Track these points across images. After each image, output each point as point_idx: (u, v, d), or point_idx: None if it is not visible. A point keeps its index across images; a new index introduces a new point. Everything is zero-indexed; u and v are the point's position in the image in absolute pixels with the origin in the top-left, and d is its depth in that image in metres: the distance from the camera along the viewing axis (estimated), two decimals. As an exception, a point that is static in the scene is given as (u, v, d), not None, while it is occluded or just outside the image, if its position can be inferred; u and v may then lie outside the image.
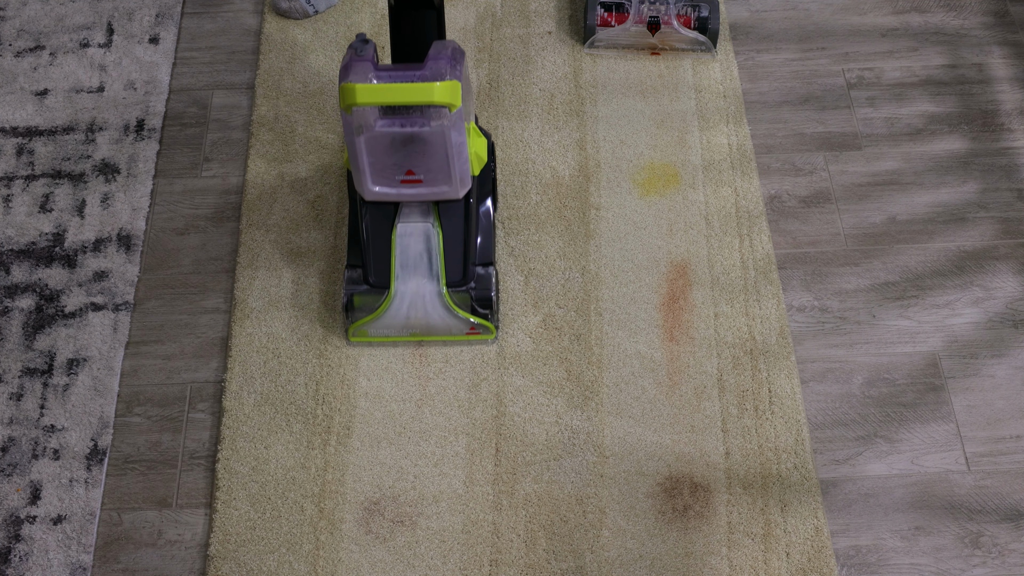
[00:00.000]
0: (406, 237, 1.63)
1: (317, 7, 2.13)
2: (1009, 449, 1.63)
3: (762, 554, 1.53)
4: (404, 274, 1.63)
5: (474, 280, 1.66)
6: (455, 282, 1.64)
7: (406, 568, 1.53)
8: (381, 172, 1.55)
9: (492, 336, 1.70)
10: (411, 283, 1.63)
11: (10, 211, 1.88)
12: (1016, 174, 1.93)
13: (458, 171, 1.55)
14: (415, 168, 1.54)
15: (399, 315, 1.65)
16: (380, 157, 1.53)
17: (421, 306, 1.64)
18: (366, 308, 1.66)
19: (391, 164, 1.54)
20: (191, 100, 2.04)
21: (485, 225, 1.70)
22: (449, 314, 1.65)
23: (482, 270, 1.67)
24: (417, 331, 1.68)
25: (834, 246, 1.84)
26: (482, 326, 1.68)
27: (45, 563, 1.54)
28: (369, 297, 1.65)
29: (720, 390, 1.68)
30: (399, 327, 1.67)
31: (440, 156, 1.52)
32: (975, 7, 2.17)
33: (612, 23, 2.06)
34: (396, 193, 1.58)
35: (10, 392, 1.69)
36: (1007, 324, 1.75)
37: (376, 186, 1.57)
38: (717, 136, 1.96)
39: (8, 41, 2.12)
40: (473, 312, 1.66)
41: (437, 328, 1.67)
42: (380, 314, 1.64)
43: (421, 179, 1.56)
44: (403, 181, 1.56)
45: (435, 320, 1.66)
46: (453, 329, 1.68)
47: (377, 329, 1.67)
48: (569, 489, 1.59)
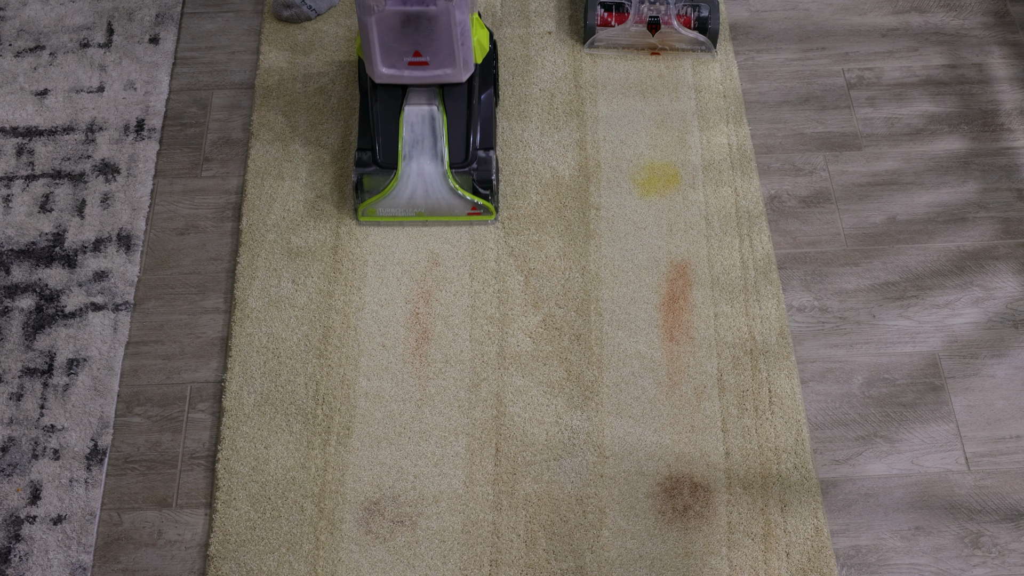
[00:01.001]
0: (413, 119, 1.77)
1: (318, 10, 2.13)
2: (1009, 449, 1.63)
3: (762, 554, 1.53)
4: (410, 155, 1.77)
5: (476, 162, 1.79)
6: (458, 163, 1.78)
7: (406, 568, 1.53)
8: (390, 54, 1.69)
9: (492, 217, 1.82)
10: (417, 164, 1.77)
11: (10, 211, 1.88)
12: (1016, 174, 1.93)
13: (462, 53, 1.68)
14: (422, 49, 1.68)
15: (405, 194, 1.77)
16: (389, 38, 1.66)
17: (426, 186, 1.77)
18: (375, 190, 1.79)
19: (399, 46, 1.67)
20: (191, 100, 2.04)
21: (486, 112, 1.83)
22: (452, 194, 1.77)
23: (483, 153, 1.80)
24: (422, 211, 1.80)
25: (834, 246, 1.84)
26: (483, 207, 1.80)
27: (45, 563, 1.54)
28: (377, 179, 1.78)
29: (720, 390, 1.68)
30: (405, 206, 1.79)
31: (445, 37, 1.65)
32: (975, 7, 2.17)
33: (612, 23, 2.06)
34: (404, 75, 1.71)
35: (10, 392, 1.69)
36: (1007, 324, 1.75)
37: (385, 68, 1.70)
38: (717, 136, 1.96)
39: (8, 41, 2.12)
40: (475, 193, 1.78)
41: (440, 208, 1.80)
42: (388, 193, 1.77)
43: (427, 61, 1.69)
44: (411, 63, 1.70)
45: (439, 200, 1.78)
46: (456, 209, 1.80)
47: (385, 208, 1.80)
48: (569, 489, 1.59)
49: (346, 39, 2.11)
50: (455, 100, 1.78)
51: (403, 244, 1.83)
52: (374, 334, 1.73)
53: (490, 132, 1.82)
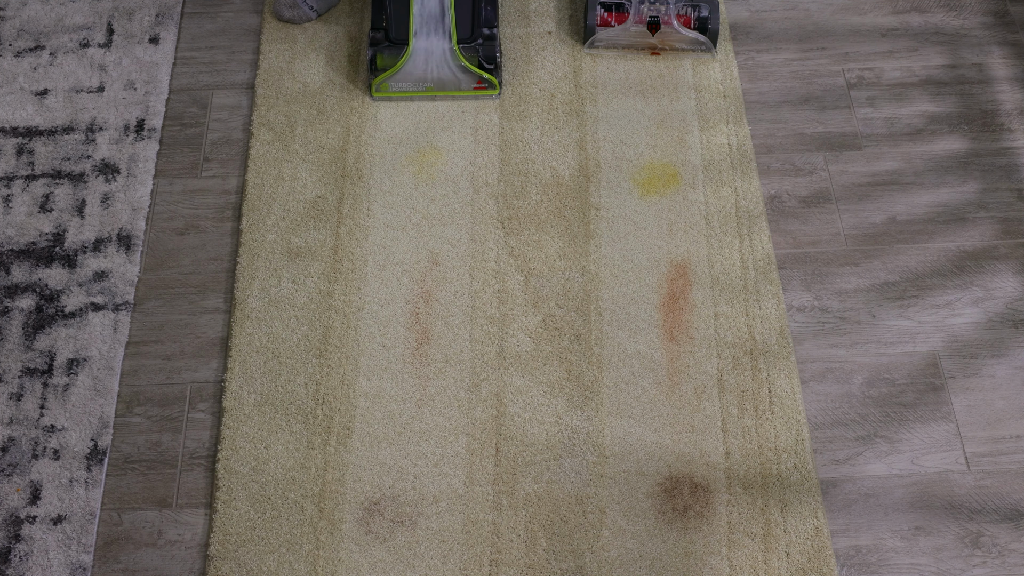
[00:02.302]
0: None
1: (319, 10, 2.13)
2: (1009, 449, 1.63)
3: (762, 554, 1.53)
4: (420, 31, 1.92)
5: (481, 39, 1.94)
6: (465, 38, 1.94)
7: (406, 568, 1.53)
8: None
9: (496, 92, 1.97)
10: (426, 40, 1.92)
11: (10, 211, 1.88)
12: (1016, 174, 1.93)
13: None
14: None
15: (416, 69, 1.92)
16: None
17: (435, 61, 1.92)
18: (387, 67, 1.93)
19: None
20: (191, 100, 2.04)
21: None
22: (460, 69, 1.93)
23: (488, 31, 1.95)
24: (431, 85, 1.95)
25: (834, 246, 1.84)
26: (488, 81, 1.94)
27: (45, 563, 1.54)
28: (389, 57, 1.93)
29: (720, 390, 1.68)
30: (416, 80, 1.94)
31: None
32: (975, 7, 2.17)
33: (612, 23, 2.06)
34: None
35: (10, 392, 1.69)
36: (1007, 324, 1.75)
37: None
38: (717, 136, 1.96)
39: (8, 41, 2.12)
40: (480, 68, 1.93)
41: (448, 82, 1.95)
42: (399, 68, 1.91)
43: None
44: None
45: (447, 74, 1.93)
46: (463, 84, 1.95)
47: (397, 83, 1.94)
48: (569, 489, 1.59)
49: (346, 39, 2.11)
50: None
51: (403, 244, 1.83)
52: (374, 334, 1.73)
53: (494, 12, 1.97)
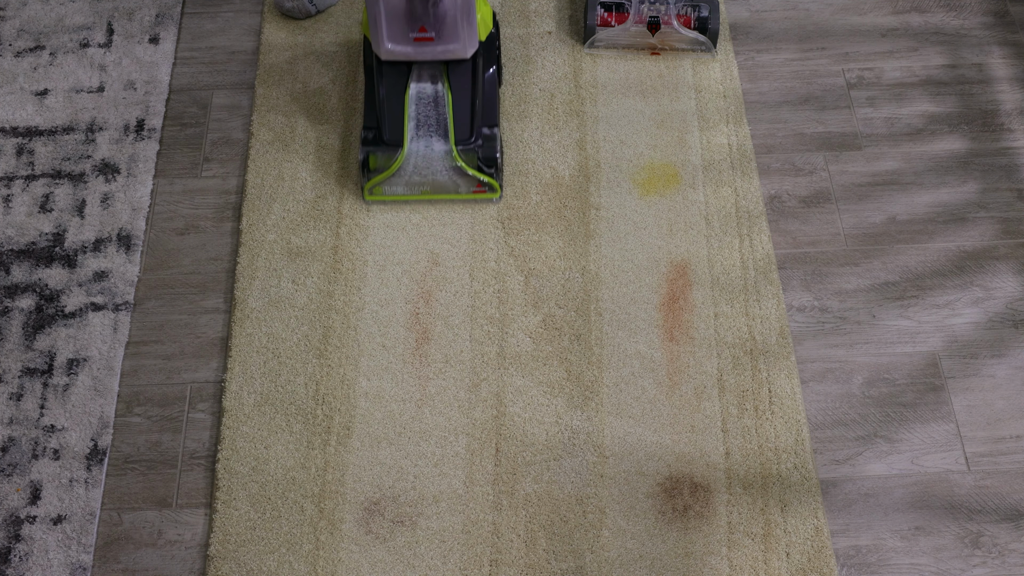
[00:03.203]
0: (417, 97, 1.79)
1: (319, 6, 2.13)
2: (1009, 449, 1.63)
3: (762, 554, 1.53)
4: (416, 133, 1.79)
5: (480, 139, 1.81)
6: (463, 140, 1.80)
7: (406, 568, 1.53)
8: (396, 29, 1.70)
9: (497, 195, 1.84)
10: (422, 142, 1.79)
11: (10, 211, 1.88)
12: (1016, 174, 1.93)
13: (466, 31, 1.70)
14: (427, 24, 1.70)
15: (411, 172, 1.80)
16: (395, 13, 1.68)
17: (431, 164, 1.79)
18: (380, 169, 1.82)
19: (405, 20, 1.69)
20: (191, 100, 2.04)
21: (490, 90, 1.84)
22: (457, 172, 1.80)
23: (488, 131, 1.82)
24: (427, 189, 1.82)
25: (834, 246, 1.84)
26: (488, 184, 1.82)
27: (45, 563, 1.54)
28: (383, 157, 1.81)
29: (720, 390, 1.68)
30: (411, 184, 1.81)
31: (451, 11, 1.67)
32: (975, 7, 2.17)
33: (612, 23, 2.06)
34: (410, 51, 1.73)
35: (10, 392, 1.69)
36: (1007, 324, 1.75)
37: (391, 43, 1.72)
38: (717, 136, 1.96)
39: (8, 41, 2.12)
40: (479, 170, 1.80)
41: (446, 186, 1.82)
42: (394, 171, 1.79)
43: (432, 36, 1.71)
44: (416, 39, 1.71)
45: (444, 177, 1.80)
46: (461, 187, 1.82)
47: (391, 187, 1.82)
48: (569, 489, 1.59)
49: (346, 39, 2.11)
50: (459, 78, 1.79)
51: (403, 244, 1.83)
52: (374, 334, 1.73)
53: (494, 110, 1.84)
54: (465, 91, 1.80)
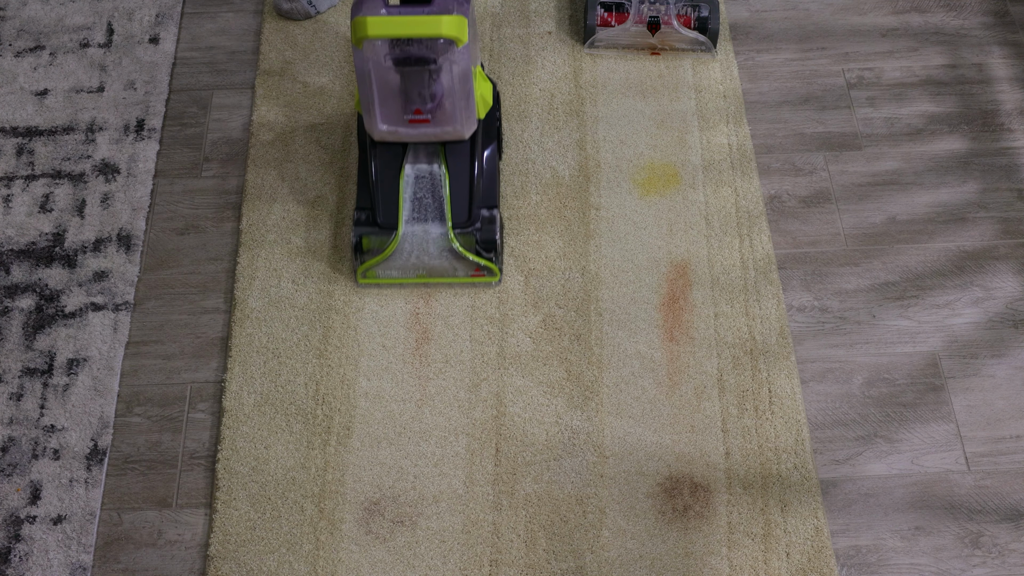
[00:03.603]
0: (413, 178, 1.70)
1: (319, 7, 2.13)
2: (1009, 449, 1.63)
3: (762, 554, 1.53)
4: (411, 215, 1.70)
5: (479, 222, 1.71)
6: (461, 223, 1.70)
7: (406, 568, 1.53)
8: (390, 110, 1.60)
9: (496, 279, 1.75)
10: (418, 224, 1.69)
11: (10, 211, 1.88)
12: (1016, 174, 1.93)
13: (464, 112, 1.61)
14: (422, 106, 1.60)
15: (406, 256, 1.70)
16: (388, 94, 1.58)
17: (428, 247, 1.70)
18: (374, 250, 1.72)
19: (399, 102, 1.59)
20: (191, 100, 2.04)
21: (490, 169, 1.75)
22: (455, 255, 1.70)
23: (487, 212, 1.72)
24: (423, 273, 1.73)
25: (834, 246, 1.84)
26: (486, 268, 1.72)
27: (45, 563, 1.54)
28: (377, 239, 1.71)
29: (720, 390, 1.68)
30: (406, 268, 1.72)
31: (447, 93, 1.57)
32: (975, 7, 2.17)
33: (612, 23, 2.06)
34: (404, 132, 1.63)
35: (10, 392, 1.69)
36: (1007, 324, 1.75)
37: (384, 124, 1.62)
38: (717, 136, 1.96)
39: (8, 41, 2.12)
40: (478, 254, 1.71)
41: (443, 270, 1.72)
42: (388, 255, 1.70)
43: (428, 118, 1.61)
44: (411, 120, 1.61)
45: (441, 261, 1.71)
46: (459, 271, 1.73)
47: (385, 270, 1.73)
48: (569, 489, 1.59)
49: (347, 40, 2.11)
50: (457, 158, 1.71)
51: (403, 244, 1.83)
52: (374, 334, 1.74)
53: (494, 190, 1.74)
54: (463, 172, 1.70)
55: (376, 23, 1.50)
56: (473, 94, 1.61)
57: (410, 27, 1.49)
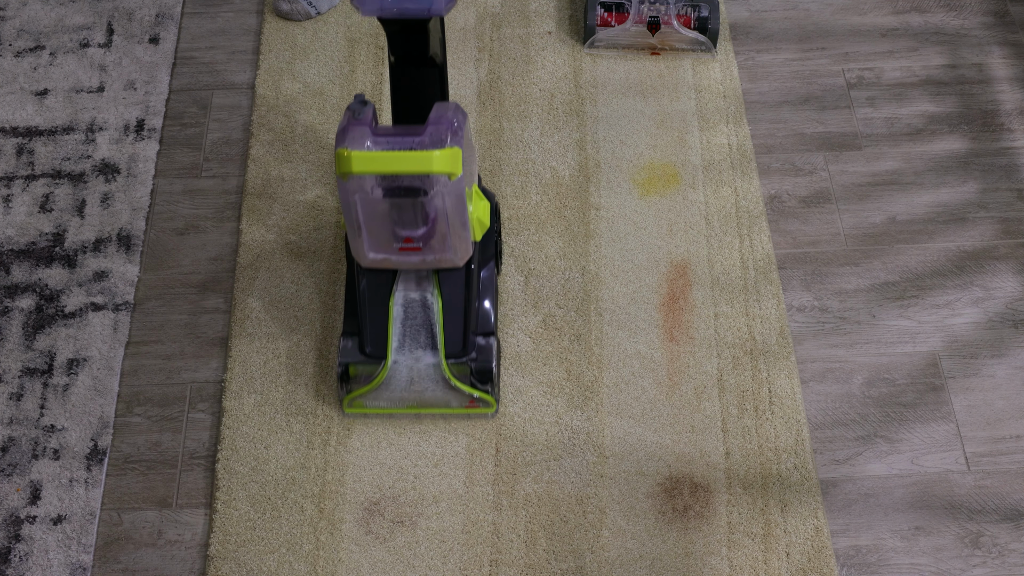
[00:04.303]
0: (404, 306, 1.57)
1: (319, 8, 2.13)
2: (1009, 449, 1.63)
3: (762, 554, 1.53)
4: (401, 345, 1.56)
5: (474, 351, 1.58)
6: (454, 353, 1.57)
7: (406, 568, 1.53)
8: (378, 239, 1.48)
9: (492, 410, 1.62)
10: (409, 354, 1.56)
11: (10, 211, 1.89)
12: (1016, 174, 1.93)
13: (459, 239, 1.47)
14: (413, 236, 1.47)
15: (396, 387, 1.58)
16: (377, 224, 1.45)
17: (419, 378, 1.57)
18: (362, 378, 1.60)
19: (388, 230, 1.47)
20: (191, 100, 2.04)
21: (487, 291, 1.64)
22: (447, 387, 1.57)
23: (483, 340, 1.59)
24: (414, 404, 1.60)
25: (834, 246, 1.84)
26: (482, 400, 1.60)
27: (45, 563, 1.54)
28: (365, 367, 1.59)
29: (720, 390, 1.68)
30: (396, 400, 1.60)
31: (440, 224, 1.45)
32: (975, 7, 2.17)
33: (612, 23, 2.06)
34: (394, 260, 1.51)
35: (10, 392, 1.69)
36: (1007, 324, 1.75)
37: (372, 253, 1.50)
38: (717, 136, 1.96)
39: (8, 41, 2.12)
40: (472, 386, 1.59)
41: (435, 401, 1.60)
42: (376, 386, 1.57)
43: (419, 246, 1.48)
44: (401, 249, 1.49)
45: (433, 393, 1.58)
46: (452, 402, 1.60)
47: (373, 401, 1.60)
48: (569, 489, 1.59)
49: (347, 40, 2.11)
50: (451, 283, 1.57)
51: (403, 244, 1.83)
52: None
53: (491, 316, 1.62)
54: (457, 299, 1.57)
55: (361, 159, 1.35)
56: (468, 220, 1.46)
57: (399, 163, 1.36)
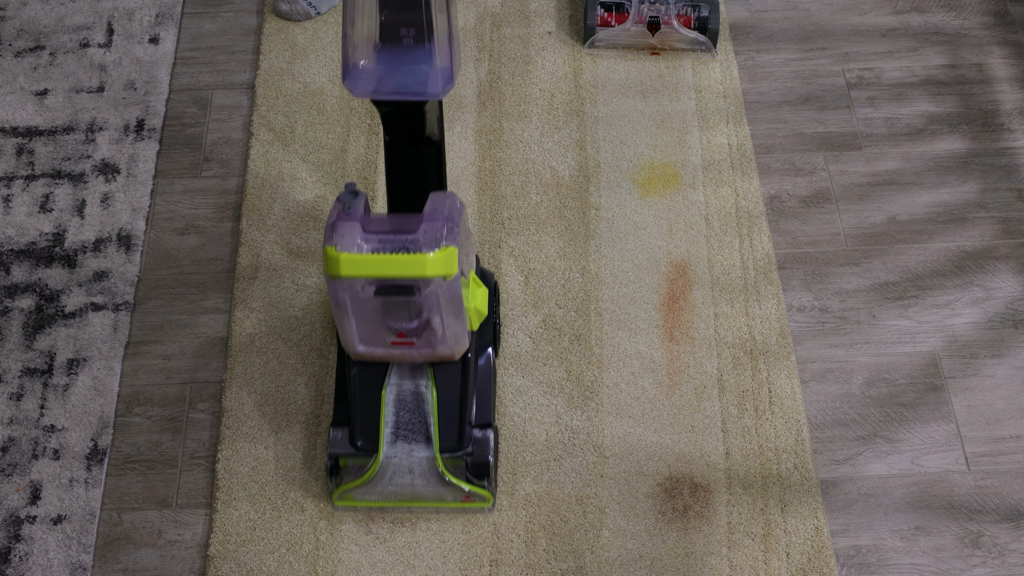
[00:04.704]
0: (397, 397, 1.50)
1: (319, 8, 2.13)
2: (1009, 449, 1.63)
3: (762, 554, 1.53)
4: (394, 438, 1.49)
5: (470, 444, 1.50)
6: (449, 447, 1.49)
7: (406, 568, 1.53)
8: (369, 333, 1.40)
9: (489, 504, 1.54)
10: (402, 448, 1.49)
11: (10, 211, 1.89)
12: (1016, 174, 1.93)
13: (454, 333, 1.40)
14: (407, 330, 1.40)
15: (388, 482, 1.50)
16: (368, 318, 1.38)
17: (412, 473, 1.49)
18: (352, 470, 1.52)
19: (380, 326, 1.39)
20: (191, 100, 2.04)
21: (484, 381, 1.56)
22: (442, 482, 1.49)
23: (479, 433, 1.51)
24: (407, 498, 1.52)
25: (834, 246, 1.84)
26: (478, 494, 1.52)
27: (45, 563, 1.54)
28: (356, 460, 1.51)
29: (720, 390, 1.68)
30: (388, 494, 1.52)
31: (434, 321, 1.37)
32: (975, 7, 2.17)
33: (612, 23, 2.06)
34: (386, 353, 1.43)
35: (10, 392, 1.69)
36: (1007, 324, 1.75)
37: (363, 346, 1.42)
38: (717, 136, 1.96)
39: (8, 41, 2.12)
40: (468, 480, 1.51)
41: (429, 496, 1.52)
42: (367, 480, 1.49)
43: (413, 341, 1.41)
44: (394, 343, 1.41)
45: (426, 488, 1.50)
46: (446, 497, 1.52)
47: (364, 495, 1.52)
48: (569, 489, 1.59)
49: (346, 39, 2.11)
50: (446, 374, 1.50)
51: (403, 244, 1.83)
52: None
53: (488, 406, 1.54)
54: (453, 391, 1.49)
55: (351, 262, 1.27)
56: (464, 313, 1.38)
57: (391, 267, 1.27)
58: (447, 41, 1.27)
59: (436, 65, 1.27)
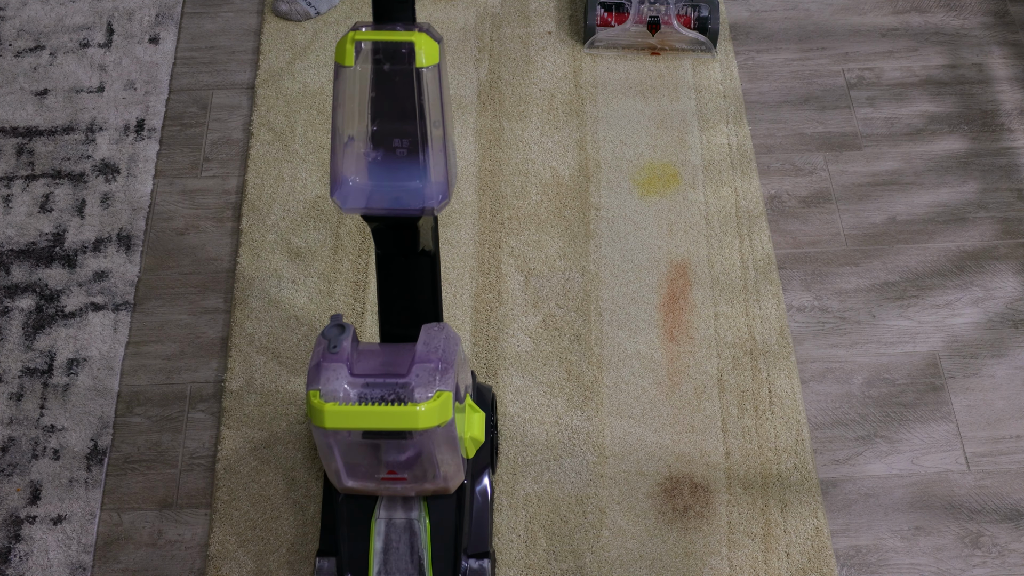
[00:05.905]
0: (387, 529, 1.38)
1: (318, 8, 2.13)
2: (1009, 449, 1.63)
3: (762, 554, 1.53)
4: (383, 569, 1.37)
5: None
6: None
7: (406, 568, 1.53)
8: (358, 469, 1.31)
9: None
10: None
11: (10, 211, 1.89)
12: (1016, 174, 1.93)
13: (449, 462, 1.30)
14: (397, 469, 1.30)
15: None
16: (356, 459, 1.29)
17: None
18: None
19: (369, 464, 1.30)
20: (191, 100, 2.04)
21: (480, 507, 1.47)
22: None
23: (475, 564, 1.41)
24: None
25: (834, 246, 1.84)
26: None
27: (45, 563, 1.54)
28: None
29: (720, 390, 1.68)
30: None
31: (426, 459, 1.28)
32: (975, 7, 2.17)
33: (612, 23, 2.06)
34: (376, 488, 1.34)
35: (10, 392, 1.69)
36: (1007, 324, 1.75)
37: (352, 481, 1.32)
38: (717, 136, 1.96)
39: (8, 41, 2.12)
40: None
41: None
42: None
43: (405, 477, 1.31)
44: (384, 479, 1.32)
45: None
46: None
47: None
48: (569, 489, 1.59)
49: (346, 39, 2.11)
50: (440, 504, 1.39)
51: (403, 244, 1.83)
52: (374, 334, 1.73)
53: (484, 534, 1.45)
54: (447, 521, 1.39)
55: (335, 415, 1.18)
56: (458, 447, 1.29)
57: (379, 420, 1.19)
58: (442, 153, 1.19)
59: (431, 179, 1.19)
